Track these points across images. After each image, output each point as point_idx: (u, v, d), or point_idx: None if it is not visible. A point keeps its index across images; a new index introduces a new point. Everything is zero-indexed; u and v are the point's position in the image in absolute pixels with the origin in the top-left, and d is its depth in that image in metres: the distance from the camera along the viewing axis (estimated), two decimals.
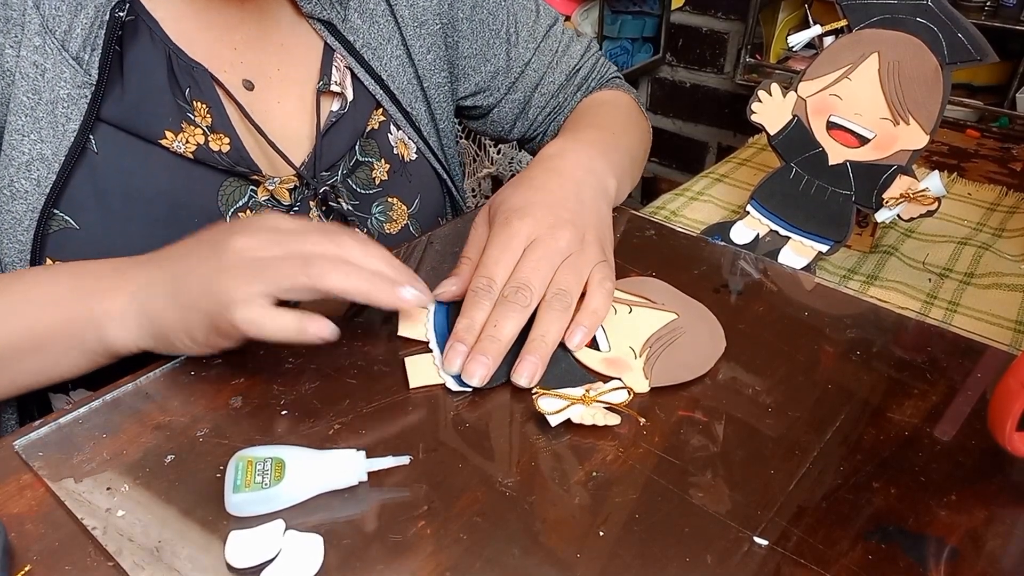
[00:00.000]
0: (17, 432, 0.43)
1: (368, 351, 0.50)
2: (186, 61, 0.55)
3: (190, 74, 0.55)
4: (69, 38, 0.50)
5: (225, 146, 0.56)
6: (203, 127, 0.55)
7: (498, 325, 0.48)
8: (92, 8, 0.50)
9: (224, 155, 0.56)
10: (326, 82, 0.62)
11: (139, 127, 0.53)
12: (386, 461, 0.40)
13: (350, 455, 0.40)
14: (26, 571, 0.36)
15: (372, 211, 0.66)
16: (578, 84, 0.79)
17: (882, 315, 0.56)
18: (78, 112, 0.50)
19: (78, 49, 0.50)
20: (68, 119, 0.50)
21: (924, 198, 0.61)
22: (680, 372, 0.49)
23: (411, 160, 0.69)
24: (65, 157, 0.50)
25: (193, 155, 0.55)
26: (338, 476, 0.40)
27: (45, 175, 0.50)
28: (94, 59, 0.50)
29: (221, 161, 0.56)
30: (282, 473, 0.39)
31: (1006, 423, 0.40)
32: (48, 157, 0.50)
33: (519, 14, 0.75)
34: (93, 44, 0.50)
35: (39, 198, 0.51)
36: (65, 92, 0.50)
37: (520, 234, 0.51)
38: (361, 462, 0.40)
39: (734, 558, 0.37)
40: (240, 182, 0.58)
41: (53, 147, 0.50)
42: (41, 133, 0.50)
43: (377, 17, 0.65)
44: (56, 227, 0.52)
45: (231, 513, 0.38)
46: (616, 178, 0.62)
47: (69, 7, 0.50)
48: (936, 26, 0.58)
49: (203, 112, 0.55)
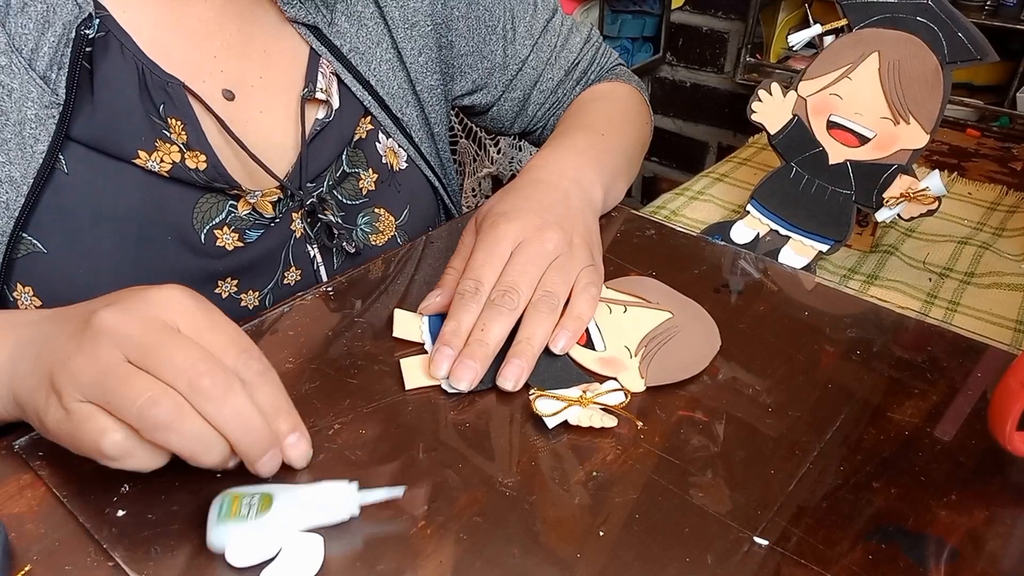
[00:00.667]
0: (17, 432, 0.43)
1: (368, 351, 0.50)
2: (160, 76, 0.53)
3: (164, 89, 0.53)
4: (36, 56, 0.48)
5: (202, 164, 0.54)
6: (179, 144, 0.53)
7: (485, 329, 0.47)
8: (60, 25, 0.48)
9: (201, 172, 0.54)
10: (311, 89, 0.59)
11: (110, 147, 0.51)
12: (378, 494, 0.38)
13: (341, 488, 0.37)
14: (26, 571, 0.36)
15: (358, 222, 0.65)
16: (577, 78, 0.78)
17: (882, 315, 0.56)
18: (46, 133, 0.48)
19: (45, 68, 0.48)
20: (36, 140, 0.48)
21: (924, 197, 0.61)
22: (676, 371, 0.49)
23: (401, 169, 0.67)
24: (33, 179, 0.48)
25: (168, 174, 0.53)
26: (329, 512, 0.37)
27: (14, 198, 0.48)
28: (61, 78, 0.48)
29: (197, 179, 0.54)
30: (269, 505, 0.36)
31: (1006, 423, 0.40)
32: (16, 179, 0.48)
33: (516, 9, 0.73)
34: (60, 63, 0.48)
35: (8, 221, 0.48)
36: (33, 112, 0.48)
37: (507, 237, 0.51)
38: (353, 495, 0.38)
39: (734, 558, 0.37)
40: (219, 197, 0.56)
41: (21, 169, 0.48)
42: (9, 155, 0.48)
43: (365, 20, 0.63)
44: (24, 251, 0.50)
45: (212, 548, 0.36)
46: (604, 187, 0.62)
47: (36, 24, 0.48)
48: (936, 25, 0.58)
49: (178, 129, 0.53)
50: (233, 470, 0.38)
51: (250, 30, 0.58)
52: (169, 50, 0.54)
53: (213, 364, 0.36)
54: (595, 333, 0.51)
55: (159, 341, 0.35)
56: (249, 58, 0.58)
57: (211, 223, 0.56)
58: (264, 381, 0.38)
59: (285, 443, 0.39)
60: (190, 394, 0.35)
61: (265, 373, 0.38)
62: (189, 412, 0.35)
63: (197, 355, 0.35)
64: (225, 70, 0.57)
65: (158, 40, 0.54)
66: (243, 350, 0.37)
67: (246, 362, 0.37)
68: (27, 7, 0.48)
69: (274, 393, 0.38)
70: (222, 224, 0.57)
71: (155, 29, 0.54)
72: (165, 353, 0.35)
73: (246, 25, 0.58)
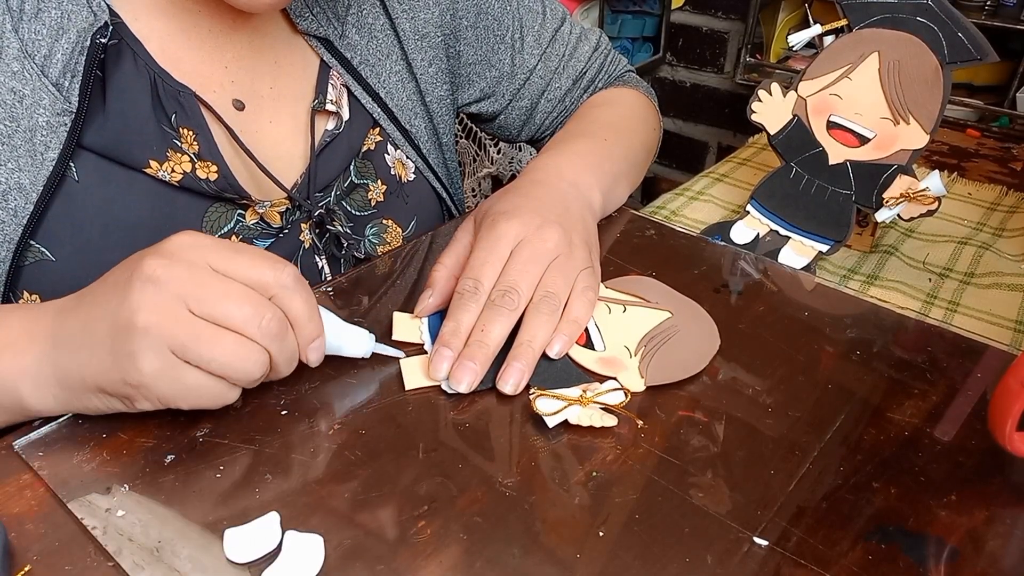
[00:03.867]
0: (17, 432, 0.43)
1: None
2: (172, 85, 0.53)
3: (176, 99, 0.53)
4: (49, 63, 0.48)
5: (213, 174, 0.54)
6: (190, 154, 0.53)
7: (486, 330, 0.47)
8: (74, 33, 0.48)
9: (211, 183, 0.54)
10: (321, 100, 0.60)
11: (122, 155, 0.51)
12: (387, 350, 0.48)
13: (362, 333, 0.47)
14: (26, 571, 0.36)
15: (366, 233, 0.65)
16: (585, 86, 0.78)
17: (882, 315, 0.56)
18: (57, 140, 0.48)
19: (58, 75, 0.48)
20: (47, 147, 0.48)
21: (924, 198, 0.61)
22: (675, 371, 0.49)
23: (409, 180, 0.68)
24: (43, 187, 0.48)
25: (179, 183, 0.53)
26: (352, 346, 0.47)
27: (23, 205, 0.48)
28: (74, 86, 0.48)
29: (208, 188, 0.54)
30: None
31: (1006, 423, 0.40)
32: (26, 187, 0.48)
33: (525, 18, 0.73)
34: (73, 71, 0.48)
35: (16, 229, 0.48)
36: (44, 119, 0.48)
37: (507, 236, 0.51)
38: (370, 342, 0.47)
39: (734, 558, 0.37)
40: (227, 207, 0.56)
41: (31, 176, 0.48)
42: (19, 162, 0.48)
43: (376, 32, 0.64)
44: (32, 259, 0.50)
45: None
46: (602, 191, 0.62)
47: (50, 31, 0.48)
48: (936, 25, 0.58)
49: (190, 139, 0.53)
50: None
51: (261, 42, 0.58)
52: (180, 60, 0.54)
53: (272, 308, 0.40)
54: (595, 333, 0.51)
55: (218, 291, 0.39)
56: (259, 69, 0.58)
57: (219, 232, 0.56)
58: (298, 288, 0.42)
59: (308, 347, 0.44)
60: (262, 338, 0.40)
61: (299, 278, 0.42)
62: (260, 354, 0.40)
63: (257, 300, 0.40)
64: (236, 80, 0.57)
65: (169, 50, 0.54)
66: (274, 261, 0.42)
67: (282, 269, 0.42)
68: (41, 13, 0.48)
69: (305, 300, 0.43)
70: (230, 233, 0.57)
71: (166, 39, 0.54)
72: (230, 302, 0.39)
73: (257, 37, 0.58)
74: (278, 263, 0.42)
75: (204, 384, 0.40)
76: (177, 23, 0.54)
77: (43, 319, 0.43)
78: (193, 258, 0.40)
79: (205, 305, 0.39)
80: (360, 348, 0.47)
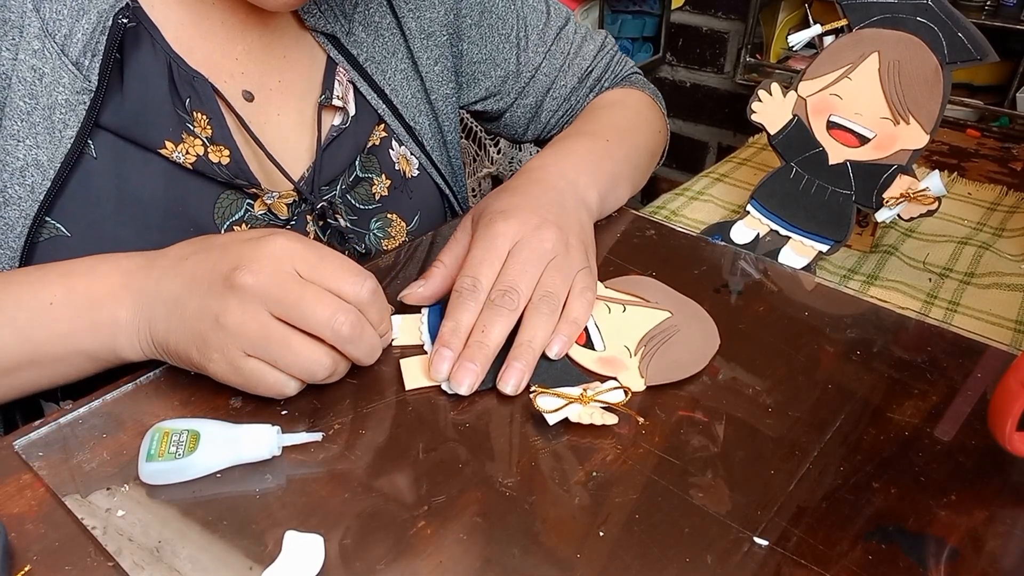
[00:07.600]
0: (17, 432, 0.43)
1: None
2: (187, 70, 0.54)
3: (190, 84, 0.54)
4: (69, 43, 0.49)
5: (225, 158, 0.55)
6: (203, 138, 0.54)
7: (486, 330, 0.47)
8: (95, 14, 0.49)
9: (224, 167, 0.55)
10: (328, 96, 0.61)
11: (138, 135, 0.52)
12: (298, 437, 0.42)
13: (264, 429, 0.42)
14: (26, 571, 0.36)
15: (371, 227, 0.65)
16: (591, 85, 0.78)
17: (882, 315, 0.56)
18: (76, 118, 0.49)
19: (78, 55, 0.49)
20: (66, 125, 0.49)
21: (924, 198, 0.61)
22: (675, 370, 0.49)
23: (413, 176, 0.68)
24: (61, 163, 0.49)
25: (192, 166, 0.54)
26: (251, 449, 0.41)
27: (40, 181, 0.49)
28: (94, 65, 0.49)
29: (220, 173, 0.55)
30: (196, 445, 0.40)
31: (1006, 423, 0.40)
32: (43, 163, 0.49)
33: (529, 17, 0.74)
34: (94, 50, 0.49)
35: (32, 204, 0.49)
36: (63, 98, 0.49)
37: (505, 234, 0.51)
38: (274, 437, 0.42)
39: (734, 558, 0.37)
40: (237, 195, 0.57)
41: (49, 153, 0.49)
42: (37, 139, 0.49)
43: (383, 30, 0.65)
44: (47, 235, 0.51)
45: (144, 481, 0.40)
46: (600, 191, 0.62)
47: (71, 11, 0.49)
48: (936, 25, 0.58)
49: (203, 123, 0.54)
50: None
51: (271, 37, 0.59)
52: (193, 48, 0.55)
53: (346, 311, 0.43)
54: (594, 333, 0.51)
55: (297, 296, 0.42)
56: (269, 63, 0.59)
57: (230, 220, 0.57)
58: (375, 299, 0.45)
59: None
60: (335, 340, 0.43)
61: (376, 291, 0.45)
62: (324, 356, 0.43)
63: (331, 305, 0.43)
64: (246, 72, 0.58)
65: (183, 38, 0.55)
66: (355, 274, 0.44)
67: (362, 284, 0.44)
68: None
69: (381, 309, 0.46)
70: (240, 222, 0.57)
71: (180, 27, 0.55)
72: (306, 307, 0.42)
73: (267, 32, 0.59)
74: (359, 276, 0.44)
75: (267, 376, 0.43)
76: (192, 13, 0.55)
77: (139, 274, 0.46)
78: (283, 265, 0.43)
79: (283, 307, 0.42)
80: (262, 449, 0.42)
